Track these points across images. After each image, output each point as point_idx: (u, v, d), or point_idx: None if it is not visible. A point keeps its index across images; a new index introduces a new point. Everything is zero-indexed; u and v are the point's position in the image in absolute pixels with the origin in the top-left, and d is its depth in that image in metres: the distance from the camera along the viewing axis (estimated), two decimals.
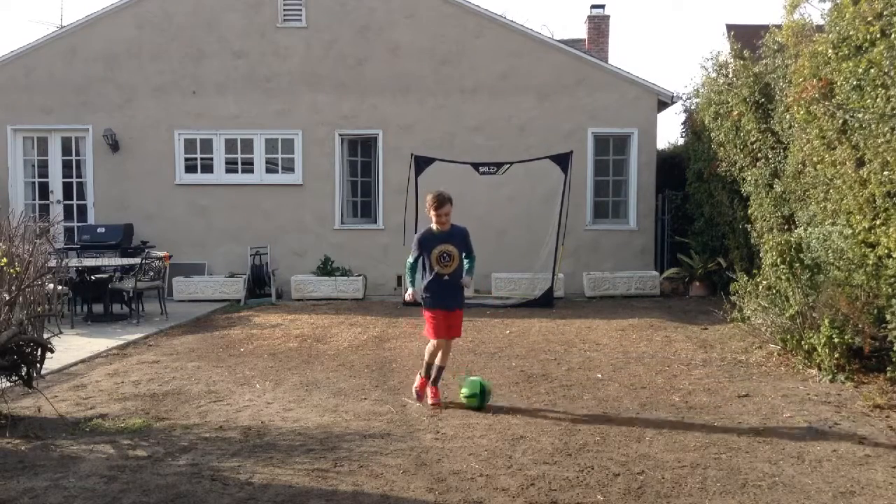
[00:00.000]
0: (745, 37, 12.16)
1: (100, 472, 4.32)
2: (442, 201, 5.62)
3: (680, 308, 10.94)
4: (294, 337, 8.85)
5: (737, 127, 10.27)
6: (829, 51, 7.11)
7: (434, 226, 5.72)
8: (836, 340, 6.27)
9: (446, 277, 5.68)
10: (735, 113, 10.20)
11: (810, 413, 5.42)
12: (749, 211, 9.98)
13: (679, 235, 13.36)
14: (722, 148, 10.92)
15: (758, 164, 9.65)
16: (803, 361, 6.78)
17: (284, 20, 12.95)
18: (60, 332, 6.19)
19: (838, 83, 6.95)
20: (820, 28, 8.16)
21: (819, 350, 6.45)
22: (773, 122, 9.15)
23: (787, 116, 8.58)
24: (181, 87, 13.01)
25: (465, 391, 5.70)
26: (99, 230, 12.32)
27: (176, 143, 13.05)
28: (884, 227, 6.29)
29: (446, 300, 5.74)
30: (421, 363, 6.05)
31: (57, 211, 13.12)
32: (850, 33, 6.74)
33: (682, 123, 14.39)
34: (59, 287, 6.82)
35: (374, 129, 13.05)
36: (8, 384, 5.60)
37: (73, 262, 9.94)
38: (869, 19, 6.46)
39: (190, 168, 13.15)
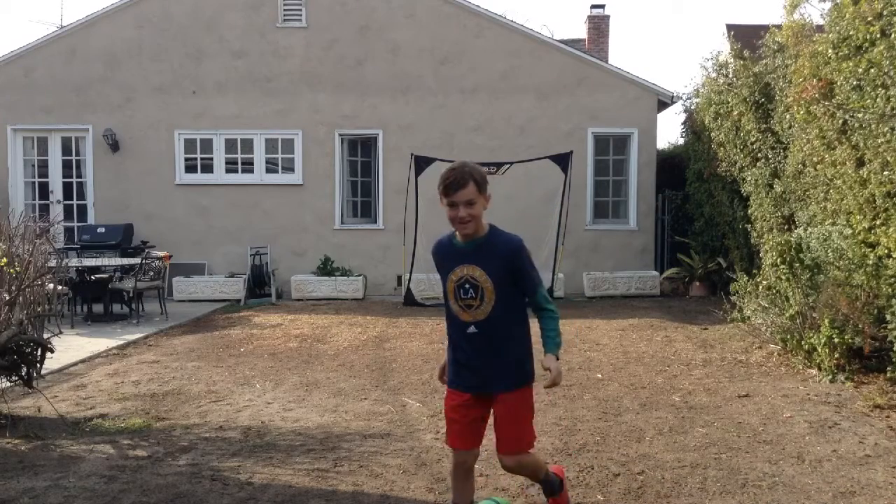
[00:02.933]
0: (745, 37, 12.16)
1: (100, 472, 4.32)
2: (456, 182, 3.04)
3: (680, 308, 10.94)
4: (294, 337, 8.85)
5: (737, 127, 10.27)
6: (829, 51, 7.11)
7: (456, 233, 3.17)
8: (836, 340, 6.27)
9: (472, 329, 3.13)
10: (735, 113, 10.20)
11: (810, 413, 5.42)
12: (749, 211, 9.98)
13: (679, 235, 13.36)
14: (722, 148, 10.92)
15: (758, 164, 9.65)
16: (803, 361, 6.78)
17: (284, 20, 12.95)
18: (60, 332, 6.18)
19: (838, 83, 6.94)
20: (820, 28, 8.15)
21: (819, 350, 6.45)
22: (773, 122, 9.15)
23: (787, 116, 8.57)
24: (181, 87, 13.01)
25: None
26: (99, 230, 12.32)
27: (176, 143, 13.05)
28: (884, 227, 6.28)
29: (464, 372, 3.20)
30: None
31: (57, 211, 13.12)
32: (850, 33, 6.73)
33: (682, 123, 14.40)
34: (59, 287, 6.81)
35: (374, 129, 13.05)
36: (8, 384, 5.60)
37: (73, 262, 9.94)
38: (869, 19, 6.46)
39: (190, 168, 13.15)
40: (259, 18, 12.96)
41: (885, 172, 6.21)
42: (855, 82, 6.62)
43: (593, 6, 18.98)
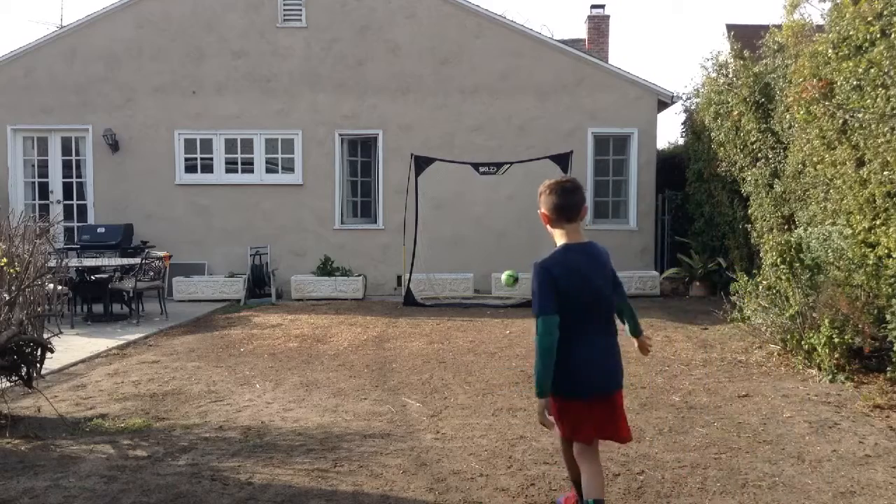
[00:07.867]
0: (745, 37, 12.18)
1: (100, 472, 4.32)
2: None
3: (680, 308, 10.94)
4: (294, 337, 8.85)
5: (737, 127, 10.27)
6: (829, 51, 7.11)
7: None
8: (836, 340, 6.27)
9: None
10: (735, 113, 10.20)
11: (810, 413, 5.42)
12: (749, 211, 9.98)
13: (679, 235, 13.35)
14: (722, 148, 10.92)
15: (758, 164, 9.66)
16: (803, 361, 6.78)
17: (284, 20, 12.95)
18: (60, 332, 6.18)
19: (838, 83, 6.95)
20: (820, 28, 8.17)
21: (819, 350, 6.45)
22: (773, 122, 9.15)
23: (787, 116, 8.58)
24: (181, 87, 13.01)
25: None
26: (99, 230, 12.31)
27: (176, 143, 13.05)
28: (884, 227, 6.28)
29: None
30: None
31: (57, 211, 13.12)
32: (850, 33, 6.74)
33: (682, 123, 14.40)
34: (59, 287, 6.81)
35: (374, 129, 13.05)
36: (8, 384, 5.60)
37: (73, 262, 9.94)
38: (869, 19, 6.47)
39: (190, 168, 13.14)
40: (259, 18, 12.96)
41: (886, 172, 6.22)
42: (855, 82, 6.62)
43: (593, 6, 18.99)
